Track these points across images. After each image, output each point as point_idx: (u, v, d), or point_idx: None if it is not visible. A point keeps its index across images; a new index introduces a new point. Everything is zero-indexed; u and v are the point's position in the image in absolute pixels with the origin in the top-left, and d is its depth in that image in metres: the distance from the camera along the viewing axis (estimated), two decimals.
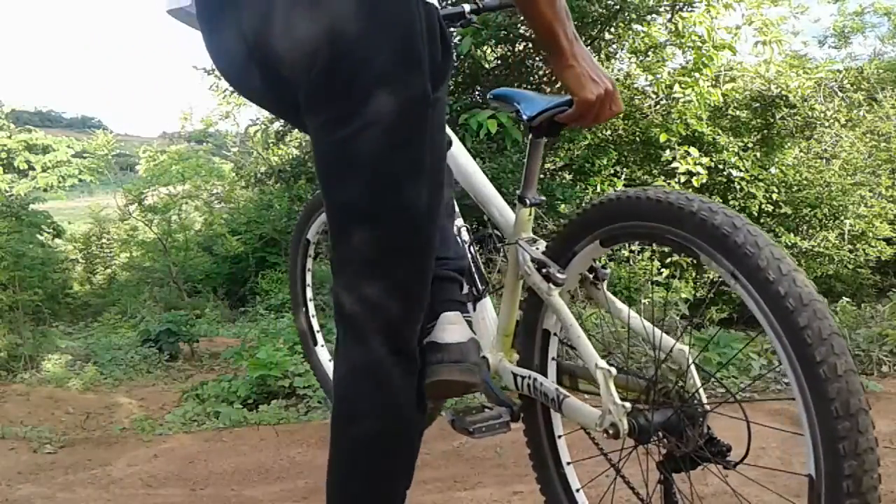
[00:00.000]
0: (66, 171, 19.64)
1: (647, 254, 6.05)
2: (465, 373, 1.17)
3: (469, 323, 1.27)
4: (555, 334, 1.40)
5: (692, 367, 1.11)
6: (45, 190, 17.25)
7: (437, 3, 1.02)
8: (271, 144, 10.55)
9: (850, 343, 3.07)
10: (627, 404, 1.11)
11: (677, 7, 6.72)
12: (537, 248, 1.33)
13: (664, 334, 1.17)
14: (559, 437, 1.48)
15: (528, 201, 1.36)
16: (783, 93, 7.57)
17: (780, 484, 1.77)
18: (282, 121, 8.81)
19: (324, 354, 2.11)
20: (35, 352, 6.28)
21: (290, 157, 9.72)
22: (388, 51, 0.93)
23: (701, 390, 1.11)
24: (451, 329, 1.19)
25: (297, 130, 8.68)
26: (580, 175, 7.29)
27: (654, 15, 6.78)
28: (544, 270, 1.27)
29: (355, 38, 0.92)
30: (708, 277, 6.80)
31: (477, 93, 6.73)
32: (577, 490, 1.47)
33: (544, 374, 1.39)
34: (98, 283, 11.67)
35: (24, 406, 4.41)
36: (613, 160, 7.41)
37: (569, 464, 1.49)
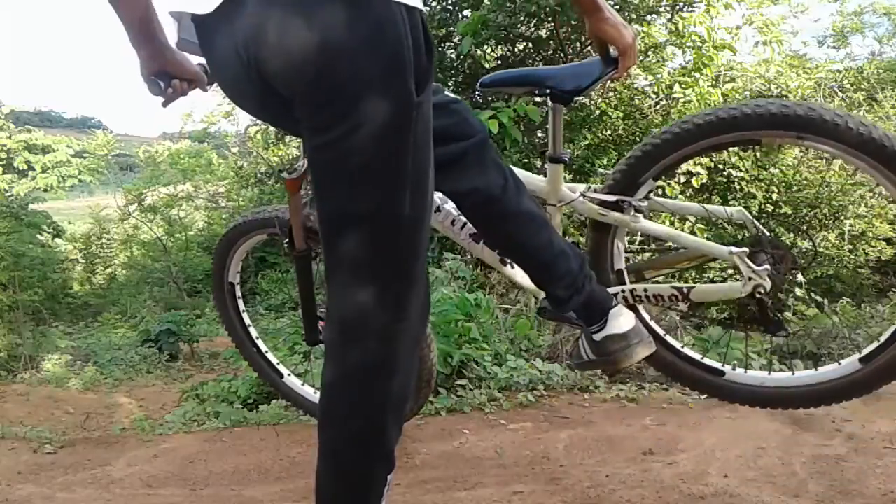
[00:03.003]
0: (66, 172, 19.62)
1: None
2: (648, 344, 1.43)
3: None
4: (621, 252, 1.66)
5: (753, 220, 1.46)
6: (45, 190, 17.23)
7: (420, 6, 1.04)
8: (271, 144, 10.56)
9: (851, 343, 3.06)
10: (767, 266, 1.40)
11: (677, 7, 6.73)
12: (600, 193, 1.57)
13: (721, 208, 1.52)
14: (664, 335, 1.72)
15: (562, 159, 1.59)
16: (783, 93, 7.57)
17: (780, 484, 1.77)
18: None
19: (294, 381, 2.11)
20: (35, 352, 6.30)
21: (290, 157, 9.73)
22: (375, 58, 0.97)
23: (766, 232, 1.45)
24: (621, 320, 1.42)
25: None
26: (580, 175, 7.29)
27: (654, 15, 6.79)
28: (625, 204, 1.54)
29: (344, 47, 0.96)
30: (707, 277, 6.81)
31: (477, 93, 6.73)
32: (703, 358, 1.71)
33: (623, 283, 1.64)
34: (98, 283, 11.68)
35: (24, 406, 4.42)
36: (613, 160, 7.41)
37: (683, 346, 1.72)
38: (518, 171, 1.57)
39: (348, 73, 0.96)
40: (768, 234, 1.45)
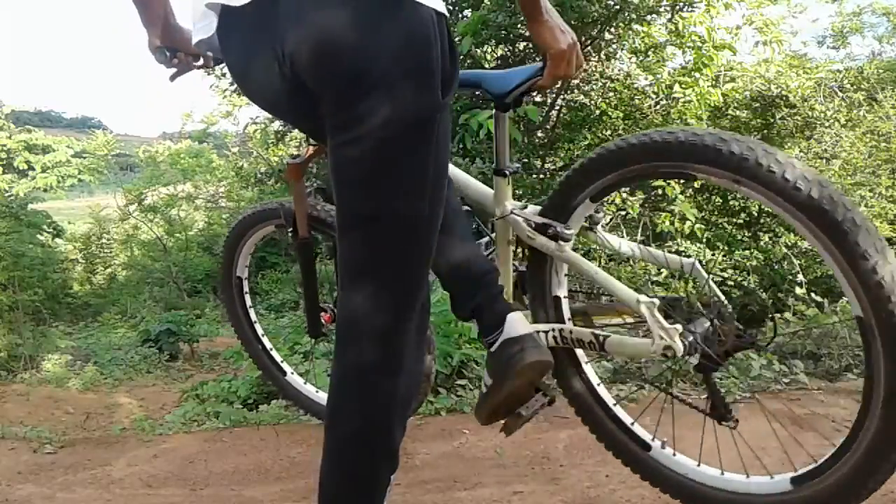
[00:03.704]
0: (66, 172, 19.60)
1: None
2: (545, 352, 1.31)
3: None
4: (562, 295, 1.50)
5: (708, 277, 1.27)
6: (44, 190, 17.23)
7: (446, 13, 1.06)
8: (271, 144, 10.56)
9: (851, 343, 3.06)
10: (678, 326, 1.22)
11: (677, 7, 6.72)
12: (531, 213, 1.43)
13: (676, 256, 1.33)
14: (597, 384, 1.55)
15: (506, 172, 1.46)
16: (783, 93, 7.57)
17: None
18: (281, 122, 8.82)
19: (297, 380, 2.10)
20: (35, 352, 6.29)
21: (285, 160, 9.73)
22: (406, 59, 1.00)
23: (719, 292, 1.26)
24: (519, 324, 1.32)
25: (296, 131, 8.69)
26: None
27: (654, 15, 6.78)
28: (550, 230, 1.38)
29: (377, 47, 0.98)
30: (710, 276, 6.83)
31: (477, 93, 6.73)
32: (633, 424, 1.52)
33: (560, 310, 1.49)
34: (98, 283, 11.67)
35: (24, 406, 4.42)
36: None
37: (615, 405, 1.54)
38: (469, 180, 1.52)
39: (379, 72, 0.98)
40: (720, 297, 1.26)
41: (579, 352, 1.51)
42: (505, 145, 1.46)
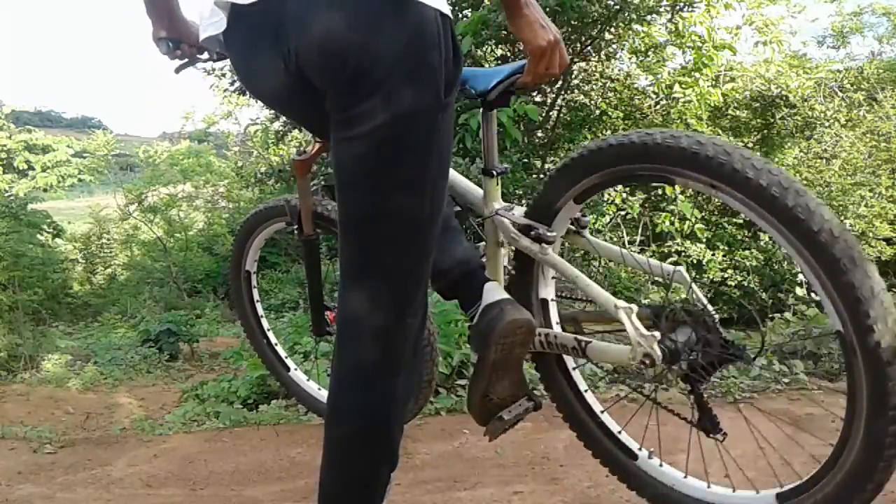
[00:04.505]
0: (66, 171, 19.60)
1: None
2: (523, 312, 1.27)
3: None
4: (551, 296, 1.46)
5: (693, 284, 1.21)
6: (44, 190, 17.23)
7: (450, 14, 1.07)
8: (271, 144, 10.56)
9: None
10: (657, 333, 1.17)
11: (677, 7, 6.72)
12: (517, 214, 1.40)
13: (659, 263, 1.28)
14: (585, 391, 1.52)
15: (494, 172, 1.42)
16: (783, 93, 7.57)
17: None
18: (282, 121, 8.82)
19: (300, 377, 2.10)
20: (35, 352, 6.29)
21: (291, 157, 9.72)
22: (411, 59, 1.01)
23: (705, 300, 1.21)
24: (495, 291, 1.31)
25: (296, 131, 8.69)
26: None
27: (654, 15, 6.78)
28: (533, 233, 1.35)
29: (383, 46, 0.99)
30: (707, 277, 6.83)
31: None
32: (620, 432, 1.49)
33: (549, 327, 1.45)
34: (98, 283, 11.66)
35: (24, 406, 4.41)
36: None
37: (603, 412, 1.51)
38: (461, 180, 1.50)
39: (384, 72, 0.99)
40: (706, 305, 1.20)
41: (567, 358, 1.50)
42: (492, 145, 1.43)
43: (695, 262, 6.55)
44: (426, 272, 1.12)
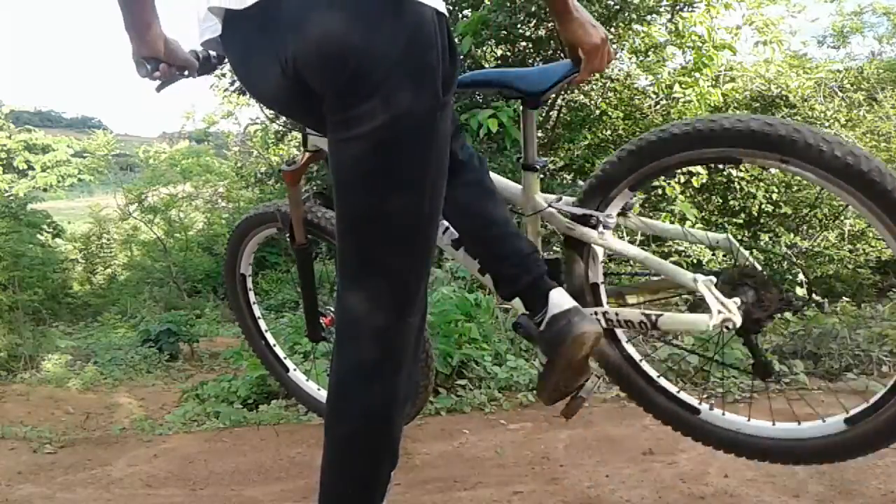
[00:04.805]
0: (66, 171, 19.62)
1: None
2: (592, 322, 1.32)
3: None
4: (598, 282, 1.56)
5: (740, 248, 1.33)
6: (44, 190, 17.25)
7: (446, 13, 1.07)
8: (271, 144, 10.56)
9: (851, 343, 3.06)
10: (737, 300, 1.28)
11: (677, 7, 6.73)
12: (568, 204, 1.49)
13: (705, 233, 1.42)
14: (640, 360, 1.60)
15: (536, 166, 1.50)
16: (783, 93, 7.57)
17: (780, 484, 1.77)
18: (282, 121, 8.82)
19: (299, 377, 2.11)
20: (35, 352, 6.29)
21: (291, 157, 9.74)
22: (408, 59, 1.01)
23: (753, 260, 1.34)
24: (563, 298, 1.33)
25: (297, 131, 8.68)
26: (580, 175, 7.30)
27: (654, 15, 6.79)
28: (592, 220, 1.44)
29: (380, 47, 0.99)
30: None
31: (477, 93, 6.73)
32: (679, 392, 1.58)
33: (598, 297, 1.55)
34: (98, 283, 11.67)
35: (24, 406, 4.41)
36: None
37: (659, 377, 1.59)
38: (495, 177, 1.53)
39: (382, 73, 0.99)
40: (757, 266, 1.33)
41: (619, 332, 1.58)
42: (533, 140, 1.50)
43: (695, 261, 6.55)
44: (427, 271, 1.12)
